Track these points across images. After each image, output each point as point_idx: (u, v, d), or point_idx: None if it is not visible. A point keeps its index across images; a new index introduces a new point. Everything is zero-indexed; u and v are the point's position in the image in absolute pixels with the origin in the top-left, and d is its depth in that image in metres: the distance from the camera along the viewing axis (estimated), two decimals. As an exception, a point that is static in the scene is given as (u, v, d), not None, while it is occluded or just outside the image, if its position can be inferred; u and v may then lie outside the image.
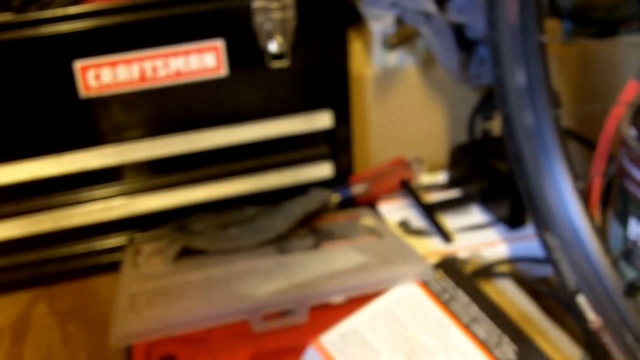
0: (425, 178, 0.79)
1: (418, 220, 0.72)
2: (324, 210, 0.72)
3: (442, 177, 0.79)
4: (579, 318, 0.54)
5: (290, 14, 0.65)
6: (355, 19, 0.74)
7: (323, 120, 0.73)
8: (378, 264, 0.59)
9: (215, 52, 0.65)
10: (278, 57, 0.67)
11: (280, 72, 0.68)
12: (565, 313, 0.58)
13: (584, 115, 0.78)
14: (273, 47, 0.66)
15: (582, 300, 0.53)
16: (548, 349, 0.52)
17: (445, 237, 0.68)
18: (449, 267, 0.58)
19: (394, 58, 0.75)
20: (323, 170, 0.76)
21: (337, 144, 0.74)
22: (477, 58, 0.70)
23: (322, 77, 0.70)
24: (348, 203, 0.75)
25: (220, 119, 0.69)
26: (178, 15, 0.63)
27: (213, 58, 0.66)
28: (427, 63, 0.76)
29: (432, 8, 0.67)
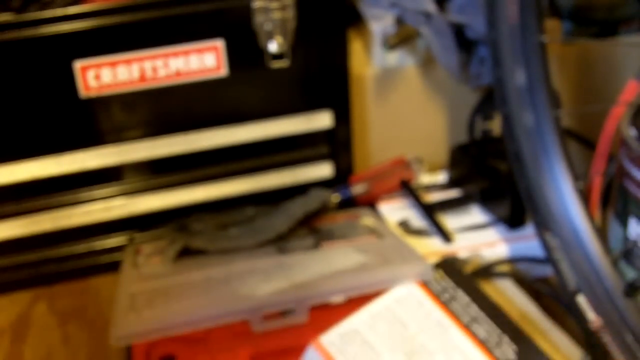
0: (425, 178, 0.79)
1: (418, 220, 0.72)
2: (324, 210, 0.72)
3: (442, 177, 0.79)
4: (579, 318, 0.54)
5: (290, 14, 0.65)
6: (355, 19, 0.74)
7: (323, 120, 0.73)
8: (378, 264, 0.59)
9: (215, 52, 0.65)
10: (278, 57, 0.67)
11: (280, 72, 0.68)
12: (565, 313, 0.58)
13: (584, 115, 0.78)
14: (273, 47, 0.66)
15: (582, 300, 0.53)
16: (548, 349, 0.52)
17: (445, 237, 0.68)
18: (449, 267, 0.58)
19: (394, 58, 0.75)
20: (323, 170, 0.76)
21: (337, 144, 0.74)
22: (477, 58, 0.70)
23: (322, 77, 0.70)
24: (348, 203, 0.75)
25: (220, 119, 0.69)
26: (178, 15, 0.63)
27: (213, 58, 0.66)
28: (427, 63, 0.76)
29: (432, 8, 0.67)
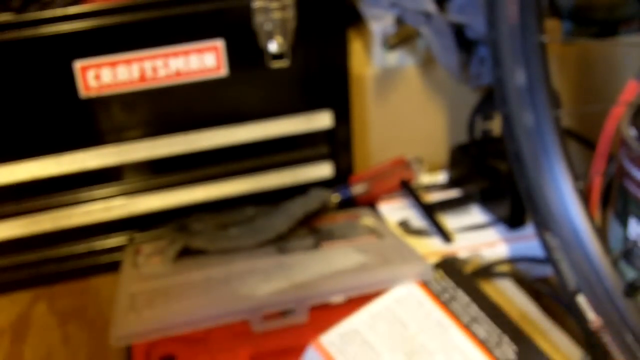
0: (425, 178, 0.79)
1: (418, 220, 0.72)
2: (324, 210, 0.72)
3: (442, 177, 0.79)
4: (579, 318, 0.54)
5: (290, 14, 0.65)
6: (355, 19, 0.74)
7: (323, 120, 0.73)
8: (378, 264, 0.59)
9: (215, 52, 0.65)
10: (278, 57, 0.67)
11: (280, 72, 0.68)
12: (565, 313, 0.58)
13: (584, 115, 0.78)
14: (273, 47, 0.66)
15: (582, 300, 0.53)
16: (548, 349, 0.52)
17: (445, 237, 0.68)
18: (449, 267, 0.58)
19: (394, 58, 0.75)
20: (323, 170, 0.75)
21: (337, 144, 0.74)
22: (477, 58, 0.70)
23: (322, 77, 0.70)
24: (348, 203, 0.75)
25: (220, 119, 0.69)
26: (178, 15, 0.63)
27: (213, 58, 0.66)
28: (427, 63, 0.76)
29: (432, 8, 0.67)
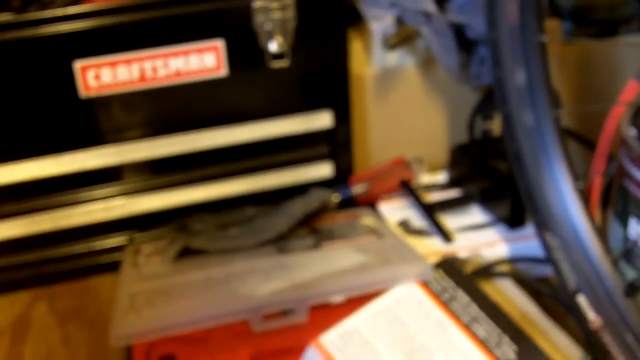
0: (425, 178, 0.79)
1: (418, 220, 0.72)
2: (324, 210, 0.72)
3: (442, 177, 0.79)
4: (579, 318, 0.54)
5: (290, 14, 0.65)
6: (355, 19, 0.74)
7: (323, 120, 0.73)
8: (378, 264, 0.59)
9: (215, 52, 0.65)
10: (278, 57, 0.67)
11: (280, 72, 0.68)
12: (565, 313, 0.58)
13: (584, 115, 0.78)
14: (273, 47, 0.66)
15: (582, 300, 0.53)
16: (548, 349, 0.52)
17: (445, 237, 0.68)
18: (449, 267, 0.58)
19: (394, 58, 0.75)
20: (323, 170, 0.75)
21: (337, 144, 0.74)
22: (477, 58, 0.70)
23: (322, 77, 0.70)
24: (348, 203, 0.75)
25: (220, 119, 0.69)
26: (178, 15, 0.63)
27: (213, 58, 0.66)
28: (427, 63, 0.76)
29: (432, 8, 0.67)
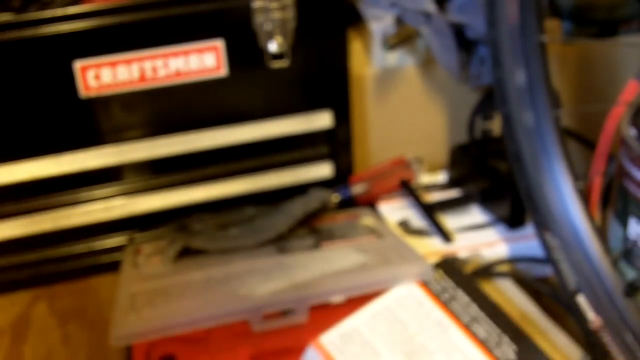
0: (425, 178, 0.79)
1: (418, 220, 0.72)
2: (324, 210, 0.72)
3: (442, 177, 0.79)
4: (579, 318, 0.54)
5: (290, 14, 0.65)
6: (355, 19, 0.74)
7: (323, 120, 0.73)
8: (378, 264, 0.59)
9: (215, 52, 0.65)
10: (278, 57, 0.67)
11: (280, 72, 0.68)
12: (565, 313, 0.58)
13: (584, 115, 0.78)
14: (273, 47, 0.66)
15: (582, 300, 0.53)
16: (548, 349, 0.52)
17: (445, 237, 0.68)
18: (449, 267, 0.58)
19: (394, 58, 0.75)
20: (323, 170, 0.75)
21: (337, 144, 0.74)
22: (477, 58, 0.70)
23: (322, 77, 0.70)
24: (348, 203, 0.75)
25: (220, 119, 0.69)
26: (178, 15, 0.63)
27: (213, 58, 0.66)
28: (427, 63, 0.76)
29: (432, 8, 0.67)
